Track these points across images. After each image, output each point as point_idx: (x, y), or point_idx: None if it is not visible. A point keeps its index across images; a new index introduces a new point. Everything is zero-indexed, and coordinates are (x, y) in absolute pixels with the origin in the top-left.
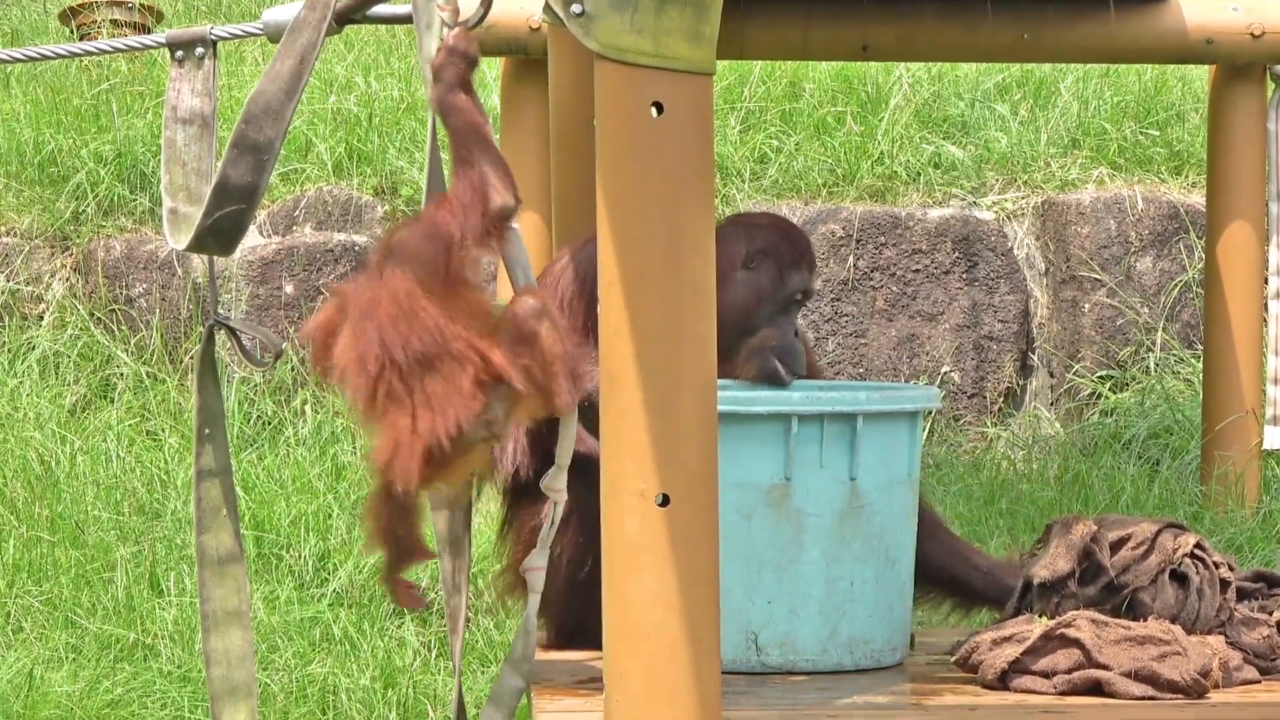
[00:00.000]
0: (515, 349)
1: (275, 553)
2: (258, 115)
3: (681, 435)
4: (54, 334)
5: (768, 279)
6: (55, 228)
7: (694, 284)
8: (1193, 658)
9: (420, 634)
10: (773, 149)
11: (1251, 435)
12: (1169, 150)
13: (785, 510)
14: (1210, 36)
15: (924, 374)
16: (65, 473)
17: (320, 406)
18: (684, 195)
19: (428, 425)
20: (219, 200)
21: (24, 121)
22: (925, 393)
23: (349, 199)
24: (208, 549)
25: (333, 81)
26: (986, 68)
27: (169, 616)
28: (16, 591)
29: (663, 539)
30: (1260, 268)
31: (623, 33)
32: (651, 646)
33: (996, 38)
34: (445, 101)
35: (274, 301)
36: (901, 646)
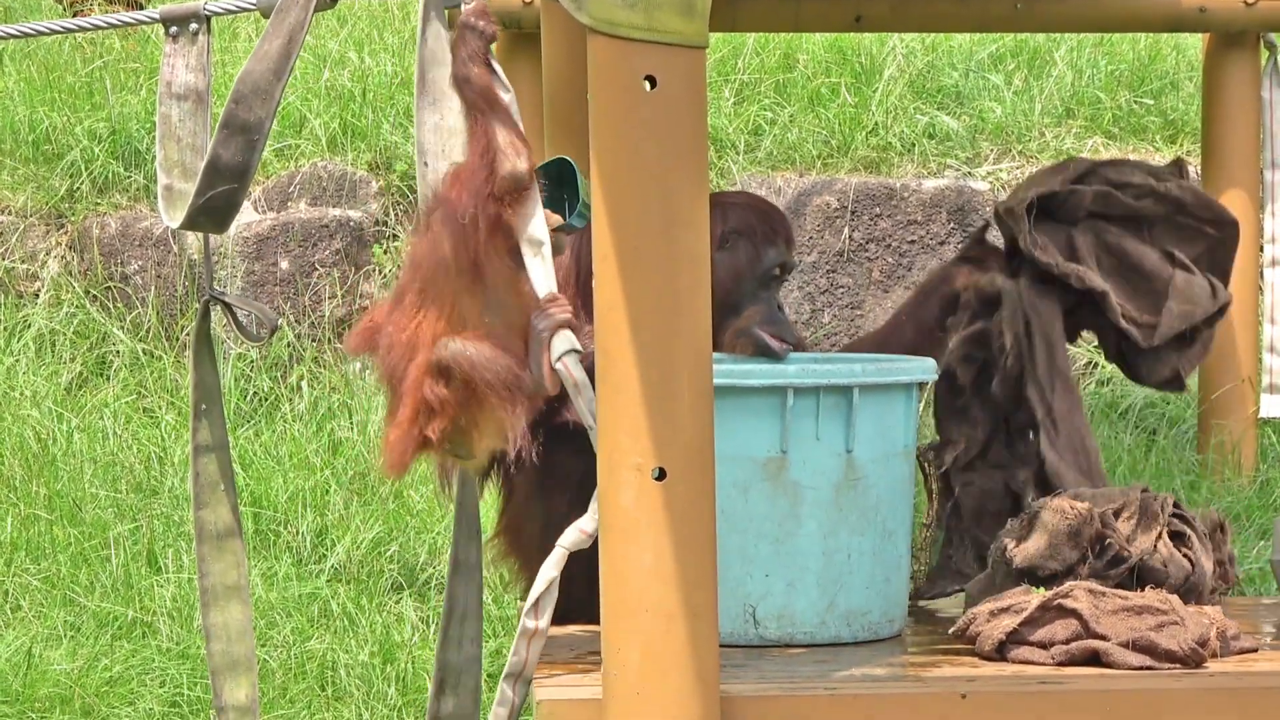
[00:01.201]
0: (436, 379)
1: (273, 529)
2: (247, 95)
3: (677, 409)
4: (50, 312)
5: (745, 257)
6: (50, 205)
7: (688, 257)
8: (1190, 627)
9: (419, 609)
10: (767, 121)
11: (1248, 403)
12: (1163, 119)
13: (782, 483)
14: (1204, 4)
15: None
16: (62, 451)
17: (316, 382)
18: (677, 169)
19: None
20: (211, 180)
21: (18, 99)
22: (921, 364)
23: (344, 174)
24: (206, 524)
25: (326, 57)
26: (980, 37)
27: (167, 593)
28: (14, 570)
29: (660, 513)
30: (1256, 236)
31: (615, 7)
32: (649, 620)
33: (990, 7)
34: (460, 75)
35: (269, 277)
36: (899, 618)
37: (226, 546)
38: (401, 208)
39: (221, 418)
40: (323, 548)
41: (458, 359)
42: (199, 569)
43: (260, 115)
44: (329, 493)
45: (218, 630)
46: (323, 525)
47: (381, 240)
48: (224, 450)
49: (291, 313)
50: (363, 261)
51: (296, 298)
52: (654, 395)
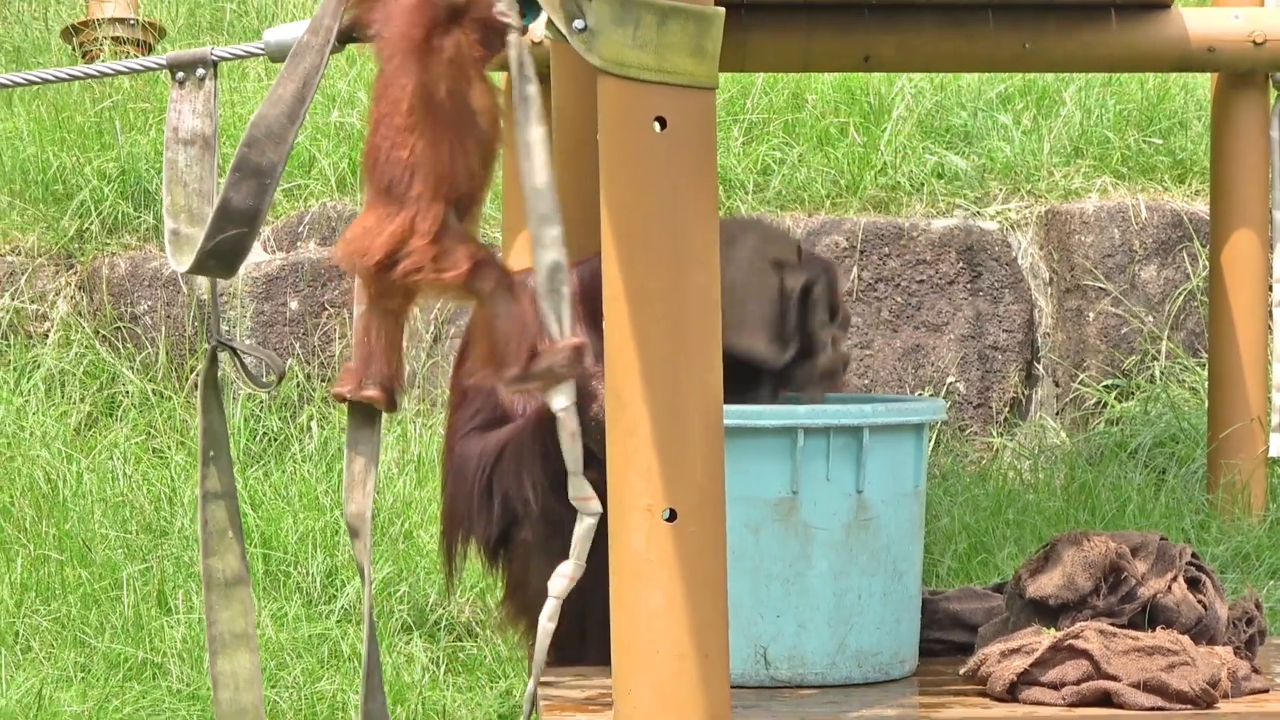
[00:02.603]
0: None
1: (283, 570)
2: (260, 139)
3: (688, 450)
4: (59, 352)
5: None
6: (59, 246)
7: (699, 297)
8: (1201, 668)
9: (429, 650)
10: (776, 160)
11: (1257, 442)
12: (1172, 158)
13: (792, 524)
14: (1212, 44)
15: (929, 385)
16: (72, 491)
17: (326, 422)
18: (687, 209)
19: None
20: (220, 224)
21: (27, 139)
22: (930, 405)
23: (353, 214)
24: (214, 571)
25: (335, 97)
26: (989, 77)
27: (177, 635)
28: (25, 611)
29: (670, 554)
30: (1265, 275)
31: (625, 48)
32: (660, 661)
33: (998, 47)
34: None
35: (279, 318)
36: (910, 659)
37: (234, 594)
38: None
39: (229, 464)
40: (333, 588)
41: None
42: (207, 617)
43: (273, 159)
44: (339, 533)
45: (225, 678)
46: (333, 566)
47: None
48: (232, 498)
49: (301, 352)
50: None
51: (306, 337)
52: (664, 436)
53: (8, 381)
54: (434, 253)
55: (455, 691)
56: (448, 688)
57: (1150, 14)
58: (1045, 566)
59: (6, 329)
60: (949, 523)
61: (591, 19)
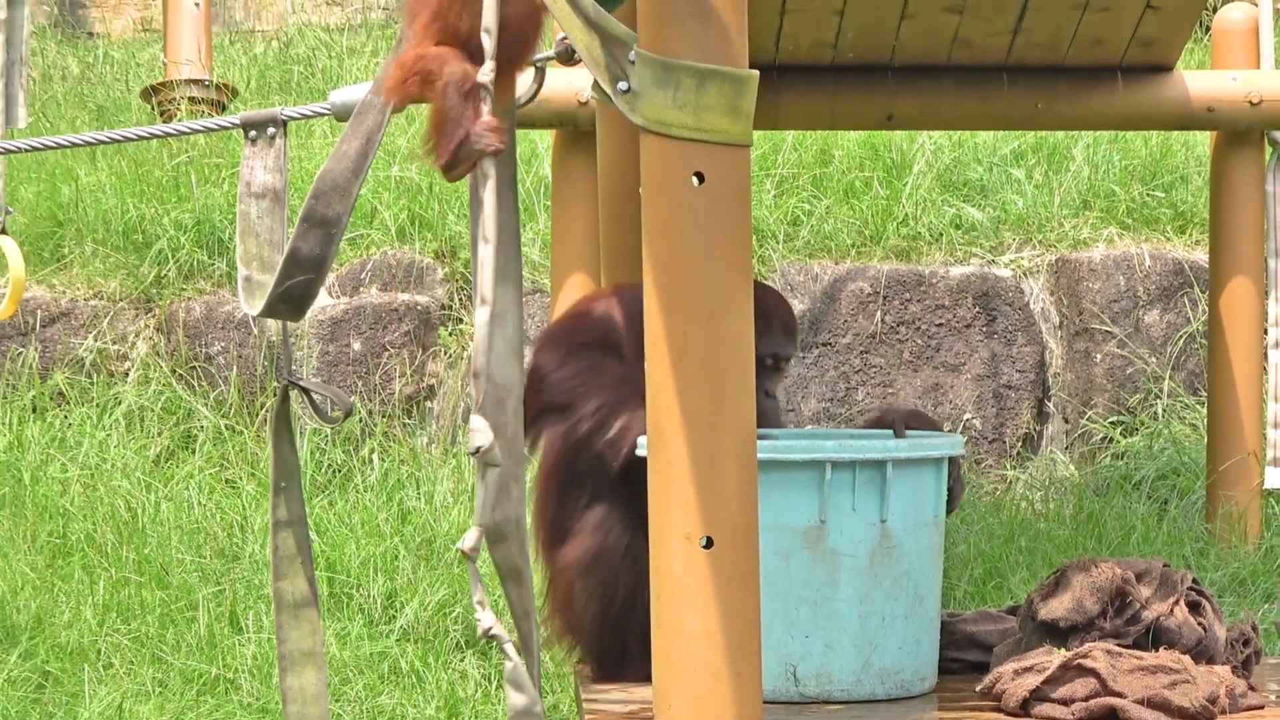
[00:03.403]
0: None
1: (346, 592)
2: (326, 192)
3: (723, 482)
4: (139, 390)
5: None
6: (139, 291)
7: (734, 340)
8: (1201, 685)
9: (482, 666)
10: (805, 212)
11: (1253, 476)
12: (1174, 210)
13: (821, 551)
14: (1211, 105)
15: (947, 421)
16: (150, 519)
17: (386, 455)
18: (723, 257)
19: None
20: (289, 271)
21: (109, 192)
22: (950, 440)
23: (412, 262)
24: (284, 594)
25: (395, 152)
26: (1003, 135)
27: (248, 652)
28: (106, 630)
29: (707, 579)
30: (1260, 320)
31: (666, 108)
32: (697, 679)
33: (1012, 107)
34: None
35: (343, 358)
36: (930, 677)
37: (303, 615)
38: (465, 293)
39: (299, 494)
40: (392, 609)
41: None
42: (277, 635)
43: (338, 211)
44: (398, 558)
45: (294, 693)
46: (392, 588)
47: (447, 323)
48: (301, 525)
49: (363, 390)
50: (429, 343)
51: (368, 376)
52: (702, 470)
53: (91, 417)
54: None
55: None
56: (498, 702)
57: (1154, 76)
58: (1056, 591)
59: (90, 368)
60: (966, 549)
61: (635, 81)
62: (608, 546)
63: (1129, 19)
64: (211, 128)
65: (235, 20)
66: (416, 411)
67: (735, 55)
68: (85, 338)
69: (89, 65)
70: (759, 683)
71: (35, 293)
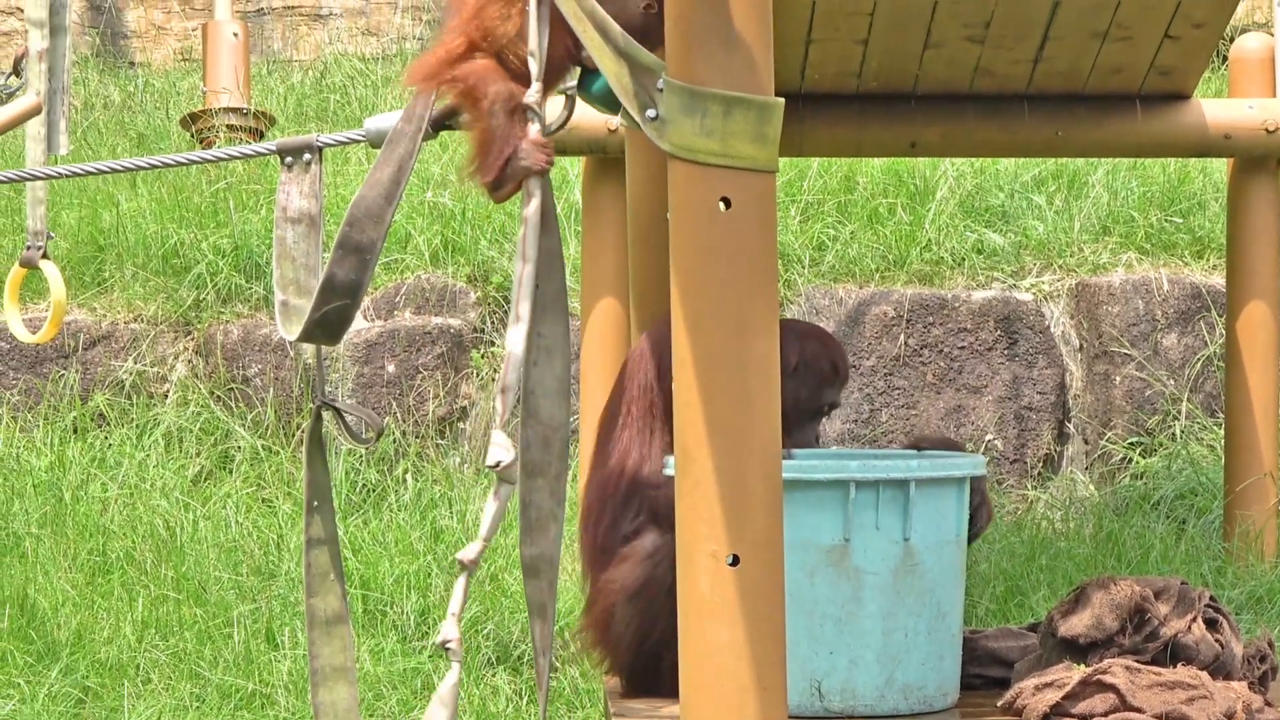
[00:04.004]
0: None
1: (380, 609)
2: (360, 218)
3: (750, 501)
4: (178, 411)
5: (806, 392)
6: (178, 314)
7: (759, 362)
8: (1219, 701)
9: (512, 682)
10: (830, 237)
11: (1270, 495)
12: (1192, 236)
13: (845, 569)
14: (1228, 132)
15: (970, 442)
16: (188, 537)
17: (420, 475)
18: (750, 281)
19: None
20: (326, 296)
21: (149, 217)
22: (971, 460)
23: (445, 286)
24: (317, 611)
25: (429, 179)
26: (1024, 162)
27: (284, 668)
28: (145, 646)
29: (734, 596)
30: (1276, 343)
31: (694, 135)
32: (724, 693)
33: (1033, 135)
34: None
35: (377, 380)
36: (952, 692)
37: (335, 632)
38: (497, 316)
39: (332, 513)
40: (425, 626)
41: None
42: (310, 651)
43: (372, 237)
44: (431, 576)
45: (325, 708)
46: (425, 605)
47: (479, 345)
48: (334, 543)
49: (397, 411)
50: (462, 365)
51: (402, 398)
52: (728, 488)
53: (131, 437)
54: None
55: None
56: (529, 717)
57: (1172, 104)
58: (1075, 608)
59: (130, 390)
60: (987, 568)
61: (663, 109)
62: (656, 578)
63: (1148, 48)
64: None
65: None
66: (449, 432)
67: (761, 83)
68: (125, 360)
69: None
70: (784, 697)
71: (76, 316)
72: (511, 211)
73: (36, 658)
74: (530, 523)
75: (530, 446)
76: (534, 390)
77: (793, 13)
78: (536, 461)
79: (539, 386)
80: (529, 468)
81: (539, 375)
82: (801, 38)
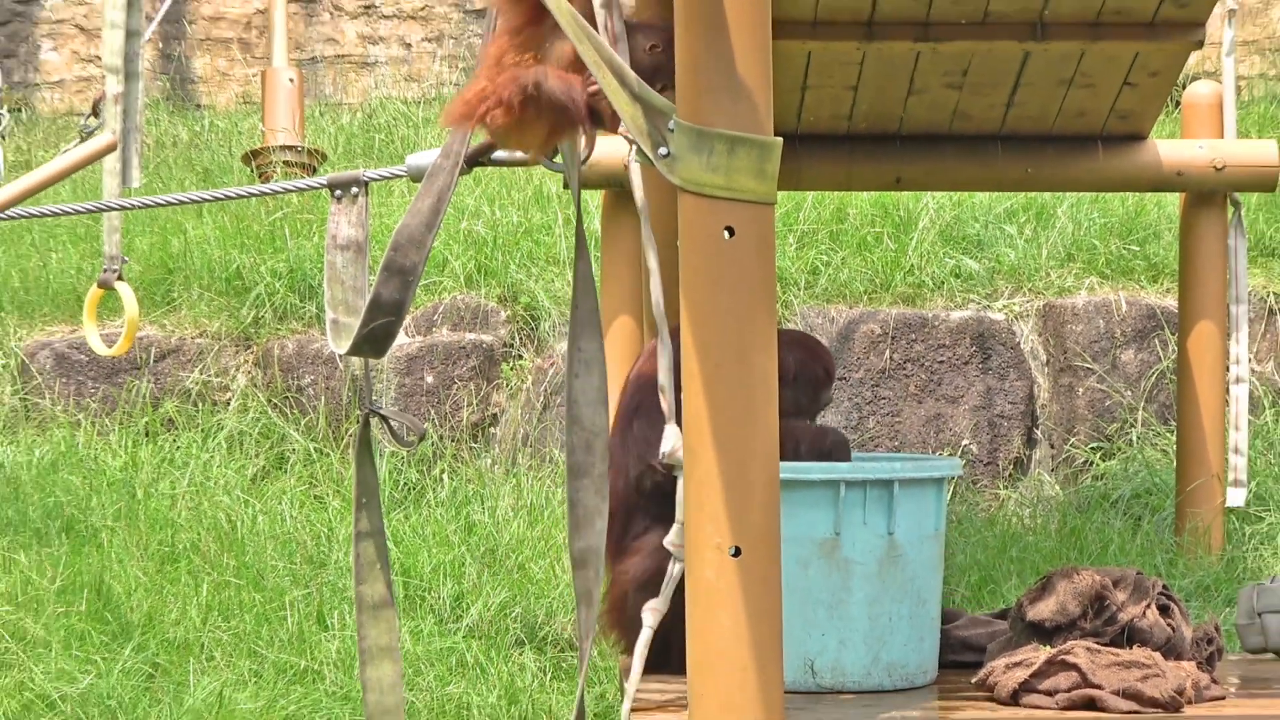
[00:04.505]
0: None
1: (419, 594)
2: (403, 244)
3: (750, 498)
4: (238, 417)
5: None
6: (239, 330)
7: (760, 375)
8: (1170, 679)
9: (538, 660)
10: (823, 262)
11: (1216, 495)
12: (1148, 263)
13: (835, 560)
14: (1181, 169)
15: (948, 446)
16: (248, 530)
17: (455, 475)
18: (751, 302)
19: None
20: (372, 314)
21: (213, 244)
22: (949, 463)
23: (478, 305)
24: (364, 596)
25: (464, 209)
26: (997, 195)
27: (333, 647)
28: (209, 627)
29: (735, 584)
30: (1222, 358)
31: (701, 171)
32: (727, 672)
33: (1005, 172)
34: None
35: (417, 390)
36: (931, 670)
37: (381, 615)
38: (525, 333)
39: (379, 509)
40: (459, 610)
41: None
42: (358, 633)
43: (414, 260)
44: (465, 565)
45: (372, 683)
46: (460, 591)
47: (509, 359)
48: (380, 535)
49: (435, 418)
50: (493, 377)
51: (439, 406)
52: (731, 487)
53: (196, 440)
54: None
55: (559, 695)
56: (553, 692)
57: (1130, 144)
58: (1042, 595)
59: (196, 398)
60: (963, 559)
61: (673, 147)
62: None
63: (1108, 94)
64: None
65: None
66: (481, 437)
67: (762, 125)
68: (192, 371)
69: (197, 133)
70: (781, 675)
71: (148, 332)
72: (538, 238)
73: (111, 637)
74: (577, 519)
75: (575, 450)
76: (577, 399)
77: (790, 62)
78: (581, 463)
79: (581, 396)
80: (575, 469)
81: (581, 386)
82: (798, 84)
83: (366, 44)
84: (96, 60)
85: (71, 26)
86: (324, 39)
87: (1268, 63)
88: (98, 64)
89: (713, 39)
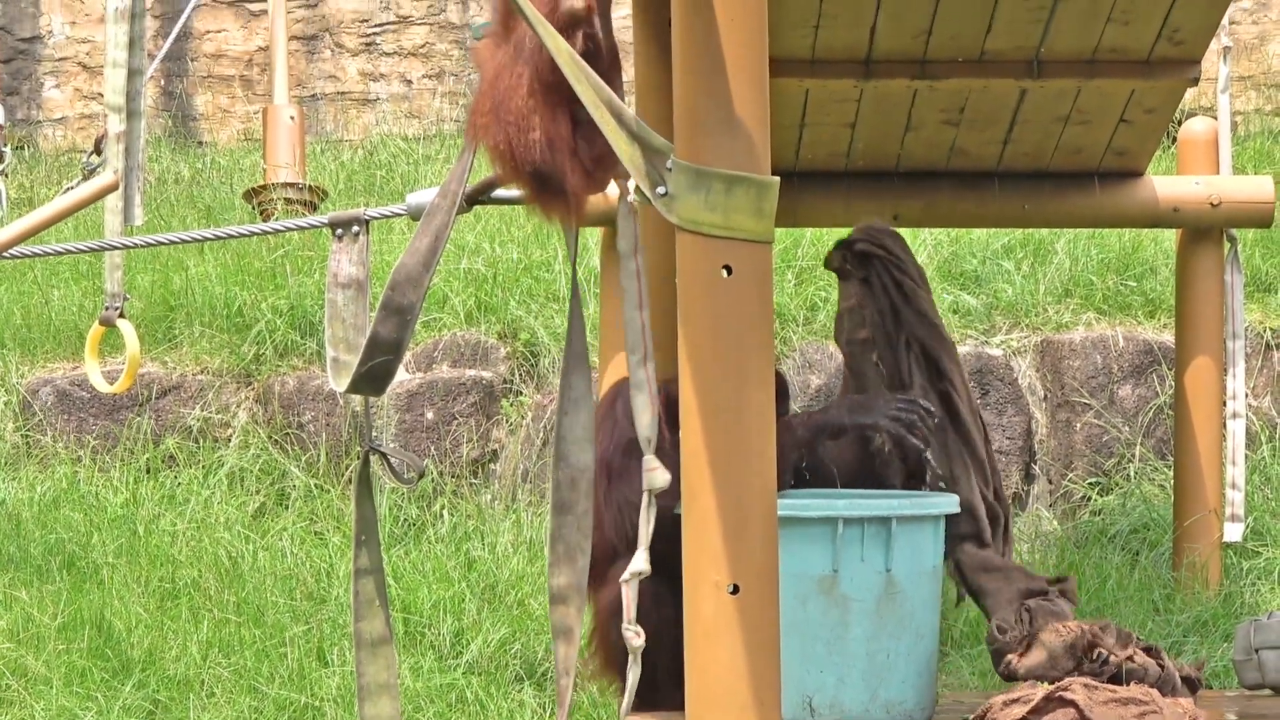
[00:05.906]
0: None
1: (419, 630)
2: (401, 283)
3: (749, 535)
4: (239, 453)
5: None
6: (240, 367)
7: (757, 412)
8: (1168, 715)
9: (537, 695)
10: (821, 299)
11: (1214, 530)
12: (1145, 298)
13: (834, 596)
14: (1177, 205)
15: None
16: (249, 566)
17: (455, 511)
18: (748, 340)
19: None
20: (371, 352)
21: (215, 280)
22: (947, 500)
23: (478, 342)
24: (363, 633)
25: (464, 246)
26: (995, 231)
27: (333, 683)
28: (210, 663)
29: (734, 621)
30: (1220, 394)
31: (699, 210)
32: (725, 708)
33: (1003, 208)
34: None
35: (418, 426)
36: (929, 705)
37: (380, 652)
38: (525, 369)
39: (378, 546)
40: (459, 646)
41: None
42: (357, 669)
43: (412, 299)
44: (465, 601)
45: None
46: (460, 627)
47: (508, 395)
48: (379, 572)
49: (435, 454)
50: (493, 413)
51: (439, 442)
52: (730, 524)
53: (198, 477)
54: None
55: None
56: None
57: (1127, 181)
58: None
59: (197, 434)
60: None
61: (671, 186)
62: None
63: (1105, 131)
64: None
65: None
66: (481, 473)
67: (759, 163)
68: (193, 408)
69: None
70: (779, 712)
71: (149, 369)
72: (538, 275)
73: (112, 674)
74: (559, 555)
75: (560, 486)
76: (564, 437)
77: (788, 100)
78: (566, 500)
79: (569, 433)
80: (559, 505)
81: (569, 424)
82: (796, 122)
83: (368, 81)
84: (99, 97)
85: (74, 64)
86: (325, 76)
87: (1264, 98)
88: (100, 101)
89: (710, 78)
